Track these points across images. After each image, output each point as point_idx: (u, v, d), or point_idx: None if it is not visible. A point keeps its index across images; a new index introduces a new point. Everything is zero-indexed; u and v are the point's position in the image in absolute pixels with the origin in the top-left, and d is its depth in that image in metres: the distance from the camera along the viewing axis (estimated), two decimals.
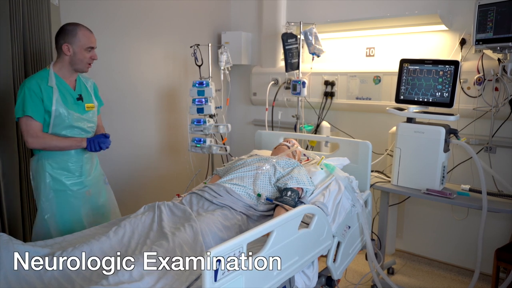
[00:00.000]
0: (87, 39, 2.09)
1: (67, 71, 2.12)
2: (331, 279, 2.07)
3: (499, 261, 2.32)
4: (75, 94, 2.15)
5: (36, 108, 2.01)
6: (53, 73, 2.08)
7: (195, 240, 1.62)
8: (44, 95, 2.03)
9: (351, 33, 3.32)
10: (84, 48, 2.09)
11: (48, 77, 2.06)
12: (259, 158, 2.25)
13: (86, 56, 2.11)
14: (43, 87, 2.03)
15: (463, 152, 2.75)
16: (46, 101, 2.03)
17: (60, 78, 2.10)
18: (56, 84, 2.07)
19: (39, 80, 2.04)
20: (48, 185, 2.10)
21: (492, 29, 2.37)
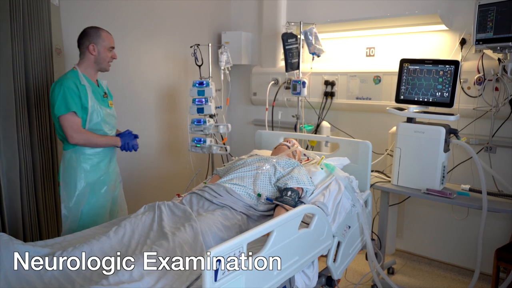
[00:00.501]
0: (109, 39, 2.28)
1: (91, 70, 2.27)
2: (331, 279, 2.07)
3: (499, 261, 2.32)
4: (101, 91, 2.32)
5: (76, 105, 2.14)
6: (81, 73, 2.22)
7: (195, 240, 1.62)
8: (81, 93, 2.16)
9: (351, 33, 3.32)
10: (107, 47, 2.26)
11: (79, 77, 2.20)
12: (259, 158, 2.25)
13: (108, 56, 2.27)
14: (79, 85, 2.17)
15: (463, 152, 2.75)
16: (83, 98, 2.17)
17: (87, 77, 2.24)
18: (87, 82, 2.22)
19: (74, 79, 2.17)
20: (81, 179, 2.21)
21: (492, 29, 2.37)
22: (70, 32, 2.66)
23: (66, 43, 2.62)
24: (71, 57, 2.69)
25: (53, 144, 2.45)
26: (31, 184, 2.34)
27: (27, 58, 2.28)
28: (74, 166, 2.20)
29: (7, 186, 2.24)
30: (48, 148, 2.42)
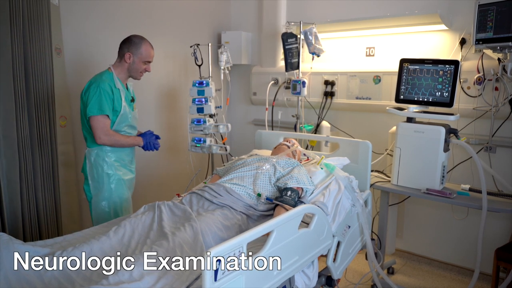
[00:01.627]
0: (148, 53, 2.35)
1: (124, 75, 2.37)
2: (331, 278, 2.07)
3: (499, 260, 2.32)
4: (129, 95, 2.42)
5: (109, 108, 2.25)
6: (116, 76, 2.32)
7: (195, 239, 1.62)
8: (114, 96, 2.27)
9: (351, 33, 3.32)
10: (143, 60, 2.34)
11: (114, 79, 2.31)
12: (259, 158, 2.25)
13: (141, 67, 2.36)
14: (113, 89, 2.27)
15: (463, 151, 2.75)
16: (116, 101, 2.27)
17: (120, 81, 2.34)
18: (121, 86, 2.33)
19: (109, 82, 2.27)
20: (106, 174, 2.32)
21: (492, 29, 2.37)
22: (70, 32, 2.66)
23: (66, 43, 2.62)
24: (71, 57, 2.70)
25: (53, 144, 2.45)
26: (31, 184, 2.34)
27: (27, 58, 2.28)
28: (100, 163, 2.32)
29: (7, 186, 2.24)
30: (48, 148, 2.42)
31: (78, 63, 2.77)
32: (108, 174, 2.32)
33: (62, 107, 2.60)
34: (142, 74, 2.40)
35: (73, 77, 2.72)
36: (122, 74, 2.36)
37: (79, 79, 2.78)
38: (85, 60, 2.83)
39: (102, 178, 2.31)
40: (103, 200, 2.32)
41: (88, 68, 2.85)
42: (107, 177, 2.32)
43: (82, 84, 2.80)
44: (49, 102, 2.40)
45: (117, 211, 2.37)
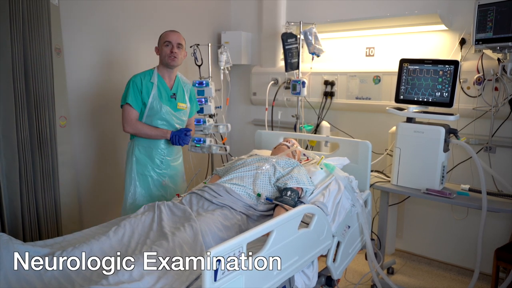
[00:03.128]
0: (165, 35, 2.47)
1: (163, 69, 2.51)
2: (331, 278, 2.07)
3: (499, 260, 2.32)
4: (170, 92, 2.52)
5: (135, 98, 2.40)
6: (156, 72, 2.48)
7: (195, 240, 1.62)
8: (143, 89, 2.42)
9: (351, 33, 3.32)
10: (163, 43, 2.45)
11: (152, 75, 2.47)
12: (259, 158, 2.25)
13: (165, 50, 2.44)
14: (144, 82, 2.43)
15: (463, 152, 2.76)
16: (144, 93, 2.42)
17: (160, 76, 2.49)
18: (157, 81, 2.46)
19: (142, 76, 2.45)
20: (133, 167, 2.49)
21: (492, 29, 2.37)
22: (69, 32, 2.66)
23: (66, 43, 2.62)
24: (71, 57, 2.70)
25: (53, 145, 2.45)
26: (30, 184, 2.34)
27: (27, 58, 2.28)
28: (129, 155, 2.52)
29: (7, 186, 2.24)
30: (48, 149, 2.42)
31: (78, 63, 2.77)
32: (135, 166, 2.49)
33: (62, 107, 2.60)
34: (173, 59, 2.44)
35: (73, 77, 2.72)
36: (161, 69, 2.50)
37: (79, 79, 2.79)
38: (85, 60, 2.83)
39: (130, 170, 2.50)
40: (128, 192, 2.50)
41: (88, 68, 2.85)
42: (134, 170, 2.49)
43: (82, 84, 2.82)
44: (49, 102, 2.40)
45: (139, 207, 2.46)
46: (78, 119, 2.81)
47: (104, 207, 3.00)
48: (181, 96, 2.58)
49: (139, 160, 2.50)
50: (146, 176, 2.51)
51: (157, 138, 2.49)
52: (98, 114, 2.94)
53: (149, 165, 2.51)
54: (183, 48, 2.50)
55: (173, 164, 2.62)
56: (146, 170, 2.51)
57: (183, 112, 2.58)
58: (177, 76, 2.60)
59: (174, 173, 2.63)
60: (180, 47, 2.47)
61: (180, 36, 2.50)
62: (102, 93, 2.94)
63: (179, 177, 2.69)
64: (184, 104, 2.58)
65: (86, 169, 2.91)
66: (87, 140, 2.91)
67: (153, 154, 2.51)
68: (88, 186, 2.92)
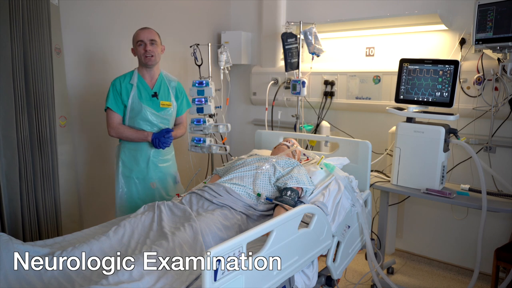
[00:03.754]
0: (136, 35, 2.42)
1: (142, 69, 2.48)
2: (330, 278, 2.07)
3: (499, 260, 2.32)
4: (151, 91, 2.47)
5: (115, 102, 2.41)
6: (136, 73, 2.46)
7: (195, 239, 1.62)
8: (122, 91, 2.41)
9: (351, 33, 3.31)
10: (136, 43, 2.41)
11: (132, 76, 2.45)
12: (259, 158, 2.25)
13: (139, 51, 2.41)
14: (123, 84, 2.42)
15: (463, 151, 2.76)
16: (123, 95, 2.41)
17: (140, 77, 2.46)
18: (137, 82, 2.44)
19: (121, 78, 2.45)
20: (120, 170, 2.50)
21: (492, 29, 2.37)
22: (69, 32, 2.66)
23: (66, 42, 2.62)
24: (71, 57, 2.70)
25: (53, 144, 2.45)
26: (30, 184, 2.34)
27: (27, 58, 2.28)
28: (117, 157, 2.52)
29: (7, 186, 2.24)
30: (48, 148, 2.42)
31: (77, 63, 2.77)
32: (121, 169, 2.50)
33: (61, 107, 2.60)
34: (148, 58, 2.40)
35: (72, 77, 2.72)
36: (140, 68, 2.48)
37: (78, 79, 2.79)
38: (85, 60, 2.83)
39: (117, 172, 2.52)
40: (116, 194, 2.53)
41: (87, 68, 2.85)
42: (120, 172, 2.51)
43: (82, 84, 2.82)
44: (48, 102, 2.40)
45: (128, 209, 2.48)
46: (78, 119, 2.81)
47: (104, 207, 3.00)
48: (165, 94, 2.53)
49: (125, 162, 2.50)
50: (132, 179, 2.50)
51: (139, 141, 2.46)
52: (98, 114, 2.93)
53: (134, 168, 2.49)
54: (157, 44, 2.44)
55: (162, 166, 2.57)
56: (132, 173, 2.50)
57: (167, 111, 2.52)
58: (161, 74, 2.55)
59: (163, 175, 2.59)
60: (154, 43, 2.41)
61: (151, 32, 2.43)
62: (102, 93, 2.93)
63: (169, 179, 2.64)
64: (167, 102, 2.52)
65: (86, 169, 2.91)
66: (87, 140, 2.91)
67: (138, 156, 2.49)
68: (88, 186, 2.92)
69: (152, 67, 2.47)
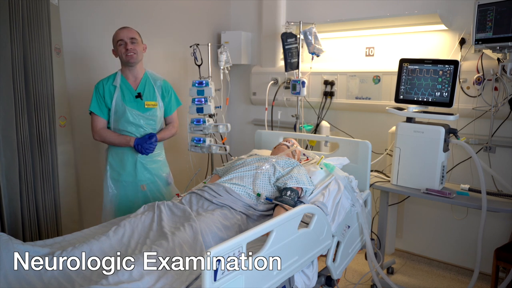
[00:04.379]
0: (115, 35, 2.38)
1: (126, 70, 2.43)
2: (330, 278, 2.07)
3: (499, 260, 2.32)
4: (135, 92, 2.42)
5: (98, 105, 2.38)
6: (119, 74, 2.43)
7: (194, 239, 1.62)
8: (106, 93, 2.37)
9: (351, 33, 3.32)
10: (116, 44, 2.37)
11: (115, 77, 2.41)
12: (258, 158, 2.25)
13: (120, 50, 2.36)
14: (106, 86, 2.38)
15: (463, 151, 2.76)
16: (106, 98, 2.37)
17: (124, 78, 2.42)
18: (120, 83, 2.40)
19: (104, 80, 2.41)
20: (108, 173, 2.47)
21: (492, 29, 2.37)
22: (69, 32, 2.66)
23: (66, 42, 2.62)
24: (71, 57, 2.69)
25: (53, 144, 2.45)
26: (30, 184, 2.34)
27: (27, 58, 2.28)
28: (106, 160, 2.50)
29: (7, 186, 2.23)
30: (48, 148, 2.42)
31: (77, 63, 2.77)
32: (109, 172, 2.48)
33: (61, 107, 2.60)
34: (131, 56, 2.35)
35: (72, 77, 2.72)
36: (123, 69, 2.44)
37: (78, 79, 2.79)
38: (85, 60, 2.83)
39: (105, 175, 2.49)
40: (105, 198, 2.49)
41: (87, 68, 2.85)
42: (109, 176, 2.49)
43: (82, 84, 2.82)
44: (48, 102, 2.40)
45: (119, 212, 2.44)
46: (77, 119, 2.81)
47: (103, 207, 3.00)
48: (150, 94, 2.46)
49: (112, 165, 2.47)
50: (120, 182, 2.47)
51: (120, 145, 2.41)
52: None
53: (122, 172, 2.46)
54: (138, 42, 2.39)
55: (151, 167, 2.51)
56: (120, 176, 2.46)
57: (153, 111, 2.46)
58: (146, 74, 2.49)
59: (153, 177, 2.53)
60: (134, 41, 2.36)
61: (131, 31, 2.38)
62: None
63: (160, 181, 2.57)
64: (153, 102, 2.45)
65: (86, 169, 2.91)
66: (87, 140, 2.90)
67: (125, 160, 2.45)
68: (87, 186, 2.92)
69: (135, 66, 2.41)
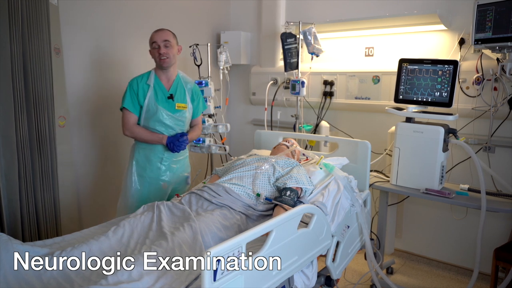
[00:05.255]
0: (151, 37, 2.41)
1: (159, 70, 2.47)
2: (330, 278, 2.07)
3: (498, 260, 2.32)
4: (168, 93, 2.46)
5: (132, 102, 2.41)
6: (153, 73, 2.46)
7: (194, 239, 1.62)
8: (139, 91, 2.41)
9: (350, 33, 3.32)
10: (151, 45, 2.41)
11: (149, 76, 2.45)
12: (258, 158, 2.25)
13: (154, 53, 2.41)
14: (140, 84, 2.42)
15: (462, 151, 2.76)
16: (140, 96, 2.41)
17: (157, 78, 2.46)
18: (153, 83, 2.43)
19: (138, 78, 2.45)
20: (133, 168, 2.50)
21: (491, 29, 2.37)
22: (69, 31, 2.65)
23: (65, 42, 2.62)
24: (70, 56, 2.69)
25: (52, 144, 2.45)
26: (30, 184, 2.34)
27: (26, 58, 2.28)
28: (131, 155, 2.53)
29: (6, 186, 2.23)
30: (47, 148, 2.42)
31: (77, 63, 2.77)
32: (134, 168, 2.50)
33: (61, 107, 2.59)
34: (163, 60, 2.39)
35: (72, 77, 2.72)
36: (157, 70, 2.48)
37: (78, 79, 2.78)
38: (84, 60, 2.83)
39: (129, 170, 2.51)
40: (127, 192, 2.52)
41: (87, 68, 2.85)
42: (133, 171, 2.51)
43: (81, 84, 2.82)
44: (48, 102, 2.40)
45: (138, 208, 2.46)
46: (77, 119, 2.81)
47: (103, 207, 3.00)
48: (181, 96, 2.52)
49: (138, 161, 2.49)
50: (144, 178, 2.49)
51: (153, 142, 2.45)
52: (97, 114, 2.94)
53: (147, 168, 2.49)
54: (172, 45, 2.42)
55: (174, 167, 2.56)
56: (145, 172, 2.49)
57: (183, 113, 2.51)
58: (178, 76, 2.55)
59: (175, 176, 2.58)
60: (168, 44, 2.39)
61: (165, 33, 2.41)
62: (101, 93, 2.94)
63: (181, 181, 2.64)
64: (183, 104, 2.51)
65: (85, 169, 2.91)
66: (86, 140, 2.90)
67: (151, 157, 2.48)
68: (87, 186, 2.92)
69: (168, 69, 2.46)
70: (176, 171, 2.57)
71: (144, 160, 2.49)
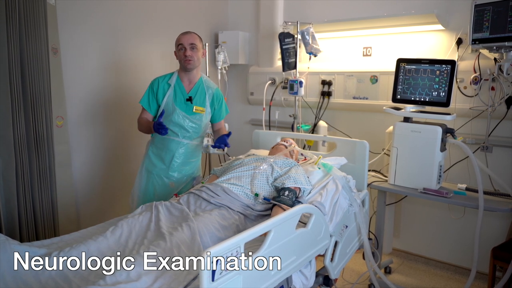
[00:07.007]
0: (178, 38, 2.43)
1: (182, 72, 2.50)
2: (328, 278, 2.07)
3: (496, 259, 2.33)
4: (187, 95, 2.48)
5: (148, 101, 2.48)
6: (176, 75, 2.50)
7: (192, 239, 1.62)
8: (159, 90, 2.46)
9: (348, 33, 3.32)
10: (177, 47, 2.42)
11: (171, 77, 2.49)
12: (256, 158, 2.25)
13: (179, 54, 2.42)
14: (161, 84, 2.47)
15: (460, 151, 2.76)
16: (159, 95, 2.46)
17: (179, 79, 2.49)
18: (175, 83, 2.47)
19: (160, 78, 2.50)
20: (145, 164, 2.56)
21: (489, 29, 2.38)
22: (66, 31, 2.65)
23: (63, 42, 2.61)
24: (68, 56, 2.68)
25: (50, 144, 2.44)
26: (27, 184, 2.33)
27: (23, 58, 2.27)
28: (146, 150, 2.60)
29: (3, 186, 2.23)
30: (45, 148, 2.41)
31: (75, 63, 2.76)
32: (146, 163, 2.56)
33: (58, 107, 2.58)
34: (188, 62, 2.40)
35: (69, 77, 2.71)
36: (180, 71, 2.51)
37: (75, 79, 2.78)
38: (82, 60, 2.82)
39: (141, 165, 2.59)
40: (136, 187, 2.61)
41: (84, 68, 2.84)
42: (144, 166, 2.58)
43: (79, 84, 2.81)
44: (45, 102, 2.39)
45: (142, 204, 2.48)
46: (75, 119, 2.80)
47: (101, 207, 2.99)
48: (200, 99, 2.51)
49: (150, 158, 2.54)
50: (153, 175, 2.53)
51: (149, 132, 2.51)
52: (95, 114, 2.93)
53: (158, 165, 2.52)
54: (198, 48, 2.43)
55: (184, 168, 2.56)
56: (155, 170, 2.53)
57: (200, 116, 2.51)
58: (201, 79, 2.55)
59: (184, 177, 2.58)
60: (194, 47, 2.40)
61: (192, 36, 2.42)
62: (99, 93, 2.94)
63: (189, 182, 2.61)
64: (201, 108, 2.51)
65: (84, 169, 2.90)
66: (84, 140, 2.90)
67: (163, 155, 2.51)
68: (85, 186, 2.91)
69: (191, 71, 2.47)
70: (185, 172, 2.58)
71: (157, 157, 2.53)
